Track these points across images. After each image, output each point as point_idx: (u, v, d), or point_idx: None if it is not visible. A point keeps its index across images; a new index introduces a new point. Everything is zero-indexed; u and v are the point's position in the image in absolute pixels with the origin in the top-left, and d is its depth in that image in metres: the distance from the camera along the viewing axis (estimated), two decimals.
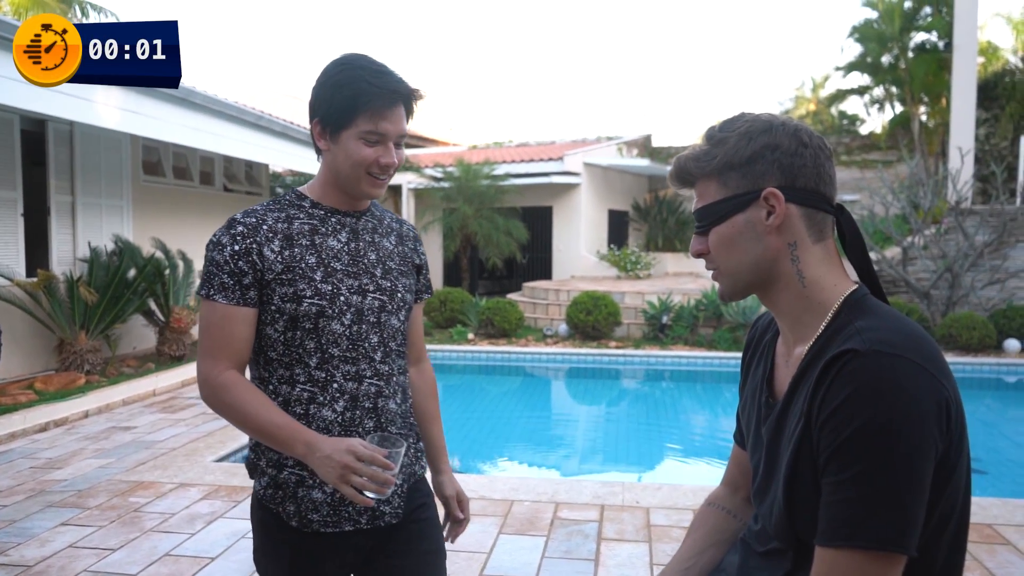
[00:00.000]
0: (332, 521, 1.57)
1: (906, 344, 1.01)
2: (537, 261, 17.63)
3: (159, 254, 9.16)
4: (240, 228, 1.54)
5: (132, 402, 7.12)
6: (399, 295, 1.67)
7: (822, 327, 1.11)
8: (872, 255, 11.51)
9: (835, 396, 1.00)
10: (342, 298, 1.56)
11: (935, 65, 19.41)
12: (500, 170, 15.93)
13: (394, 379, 1.65)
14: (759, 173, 1.13)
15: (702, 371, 9.75)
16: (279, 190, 14.62)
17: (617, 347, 10.48)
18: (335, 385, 1.56)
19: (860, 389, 0.98)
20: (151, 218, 10.07)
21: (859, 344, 1.01)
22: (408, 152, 18.61)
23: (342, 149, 1.54)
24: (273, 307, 1.53)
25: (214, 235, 1.56)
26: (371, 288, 1.61)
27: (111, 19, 23.30)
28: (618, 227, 18.93)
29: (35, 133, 8.32)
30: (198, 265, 10.12)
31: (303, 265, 1.54)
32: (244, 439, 5.77)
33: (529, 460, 6.54)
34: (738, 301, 1.21)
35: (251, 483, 4.66)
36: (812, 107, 29.69)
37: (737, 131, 1.15)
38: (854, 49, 22.14)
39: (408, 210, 17.07)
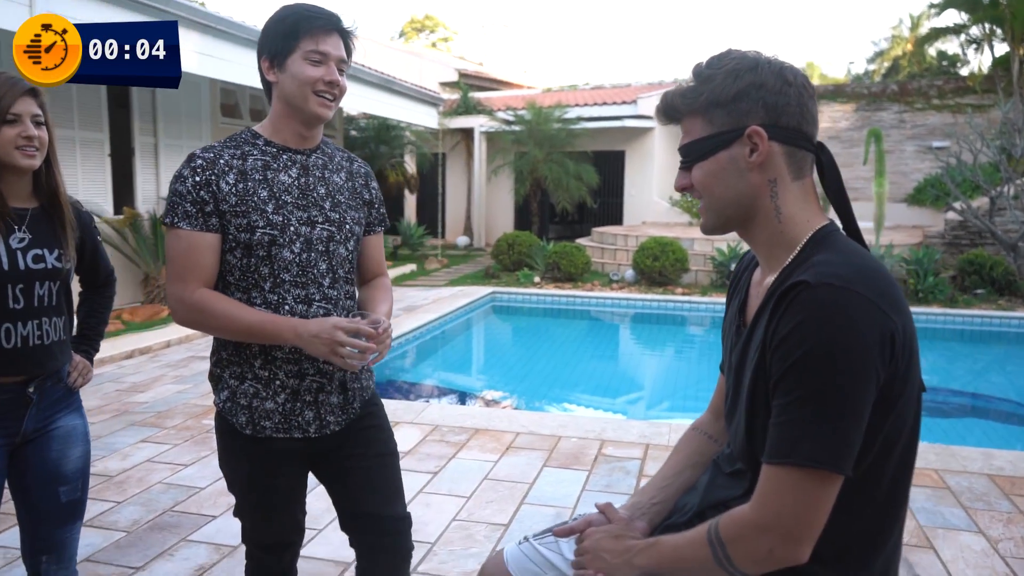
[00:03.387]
0: (283, 428, 1.75)
1: (855, 278, 1.04)
2: (608, 206, 17.50)
3: None
4: (200, 162, 1.67)
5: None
6: (347, 227, 1.80)
7: (789, 260, 1.15)
8: (957, 205, 11.03)
9: (785, 325, 1.05)
10: (292, 228, 1.70)
11: None
12: (572, 113, 15.75)
13: (341, 303, 1.80)
14: (744, 111, 1.15)
15: None
16: (353, 132, 14.86)
17: (683, 294, 10.42)
18: (286, 307, 1.71)
19: (807, 319, 1.03)
20: None
21: (810, 277, 1.06)
22: (480, 95, 18.59)
23: (289, 74, 1.68)
24: (230, 236, 1.67)
25: (177, 170, 1.69)
26: (320, 219, 1.75)
27: None
28: None
29: None
30: None
31: (255, 198, 1.67)
32: None
33: (584, 401, 6.66)
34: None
35: None
36: (909, 47, 28.16)
37: (724, 68, 1.17)
38: None
39: (480, 153, 17.12)
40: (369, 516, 1.87)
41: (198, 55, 8.07)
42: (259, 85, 7.67)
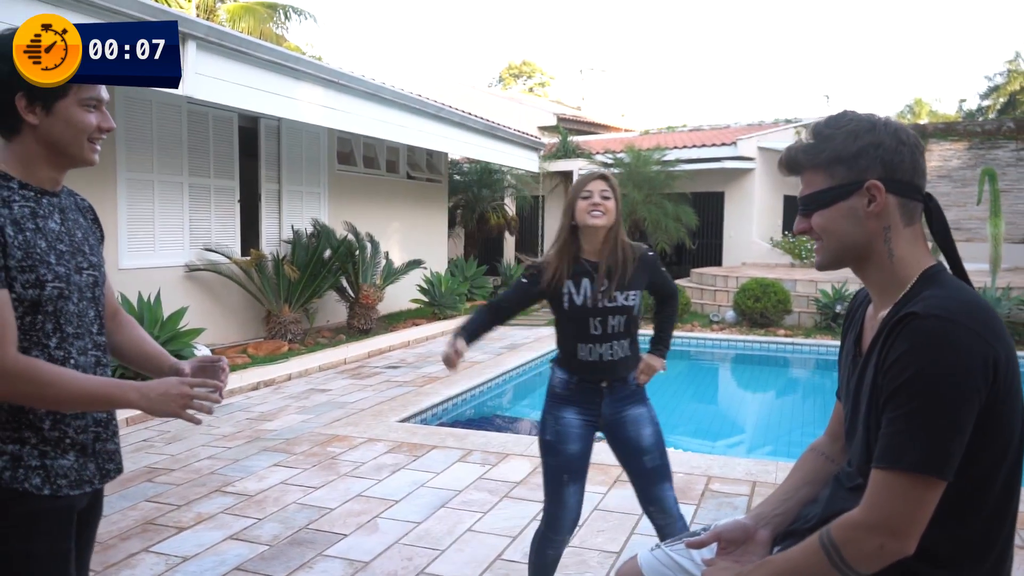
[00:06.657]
0: (76, 483, 1.61)
1: (960, 309, 1.20)
2: (707, 247, 17.42)
3: (350, 236, 10.07)
4: None
5: (327, 368, 7.98)
6: (102, 268, 1.74)
7: (901, 296, 1.31)
8: None
9: (896, 349, 1.22)
10: (73, 278, 1.61)
11: None
12: (671, 155, 15.87)
13: (105, 347, 1.74)
14: (863, 167, 1.33)
15: None
16: (456, 177, 15.41)
17: (786, 335, 10.29)
18: (71, 362, 1.60)
19: (915, 345, 1.19)
20: (344, 203, 11.06)
21: (920, 308, 1.22)
22: (579, 139, 18.94)
23: (60, 119, 1.55)
24: (14, 295, 1.50)
25: None
26: (85, 265, 1.66)
27: (310, 22, 24.92)
28: (793, 213, 18.16)
29: (249, 129, 9.43)
30: (385, 247, 11.02)
31: (38, 250, 1.54)
32: (427, 402, 6.37)
33: (684, 443, 6.70)
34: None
35: (431, 440, 5.20)
36: None
37: (844, 129, 1.35)
38: None
39: None
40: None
41: (320, 107, 8.69)
42: (372, 134, 8.29)
